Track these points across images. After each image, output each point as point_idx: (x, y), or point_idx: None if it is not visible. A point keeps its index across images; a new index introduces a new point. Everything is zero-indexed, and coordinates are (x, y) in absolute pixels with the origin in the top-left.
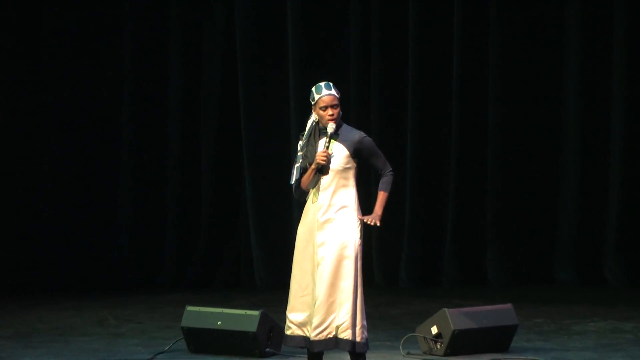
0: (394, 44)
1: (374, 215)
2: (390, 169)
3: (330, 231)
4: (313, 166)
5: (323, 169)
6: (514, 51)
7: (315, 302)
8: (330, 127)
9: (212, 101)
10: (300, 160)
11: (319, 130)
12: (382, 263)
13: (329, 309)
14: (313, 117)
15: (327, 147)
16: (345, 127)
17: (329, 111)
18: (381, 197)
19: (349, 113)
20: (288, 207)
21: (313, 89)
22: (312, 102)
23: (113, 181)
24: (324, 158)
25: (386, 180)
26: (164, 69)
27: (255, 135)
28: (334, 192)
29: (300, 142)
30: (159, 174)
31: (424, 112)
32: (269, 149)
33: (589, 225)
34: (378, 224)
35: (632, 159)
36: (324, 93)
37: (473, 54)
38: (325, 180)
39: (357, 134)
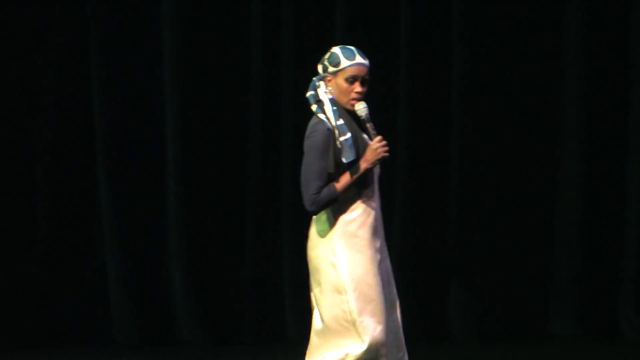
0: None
1: None
2: None
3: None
4: (367, 165)
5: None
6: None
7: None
8: (363, 107)
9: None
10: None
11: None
12: (294, 310)
13: None
14: (328, 92)
15: (375, 134)
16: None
17: (358, 87)
18: None
19: None
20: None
21: (337, 50)
22: (331, 69)
23: None
24: (387, 148)
25: None
26: None
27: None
28: (379, 199)
29: (330, 126)
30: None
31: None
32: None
33: (599, 260)
34: None
35: None
36: (358, 60)
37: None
38: (376, 185)
39: None
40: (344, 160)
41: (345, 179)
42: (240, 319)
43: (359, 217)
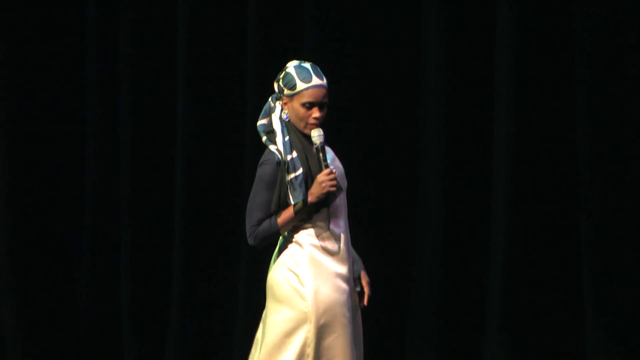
0: None
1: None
2: None
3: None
4: (312, 199)
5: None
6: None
7: None
8: (318, 135)
9: None
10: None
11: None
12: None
13: None
14: (281, 114)
15: (326, 165)
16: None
17: (316, 112)
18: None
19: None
20: None
21: (292, 70)
22: (287, 92)
23: None
24: (334, 182)
25: None
26: None
27: None
28: (346, 227)
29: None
30: None
31: None
32: None
33: (461, 289)
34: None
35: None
36: (315, 82)
37: None
38: (338, 211)
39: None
40: (291, 200)
41: (288, 212)
42: (74, 350)
43: (326, 245)
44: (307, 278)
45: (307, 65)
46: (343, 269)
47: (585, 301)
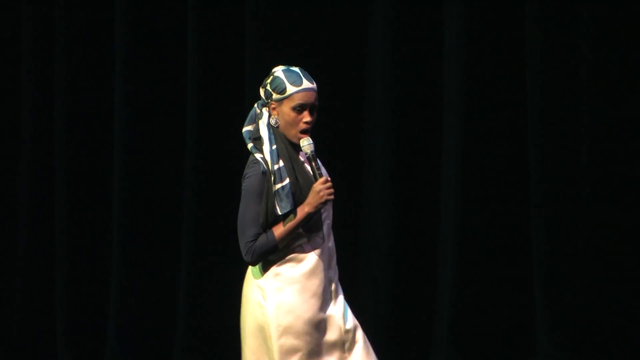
0: None
1: None
2: None
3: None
4: (309, 209)
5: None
6: None
7: None
8: (308, 144)
9: None
10: (286, 198)
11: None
12: None
13: None
14: (269, 120)
15: (320, 174)
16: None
17: (306, 116)
18: None
19: None
20: None
21: (281, 74)
22: (275, 96)
23: None
24: (332, 190)
25: None
26: None
27: None
28: (329, 236)
29: (265, 165)
30: None
31: None
32: None
33: (409, 304)
34: None
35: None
36: (305, 85)
37: None
38: (326, 227)
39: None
40: (278, 211)
41: (286, 225)
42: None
43: (297, 259)
44: (270, 293)
45: (296, 69)
46: (318, 282)
47: (536, 316)
